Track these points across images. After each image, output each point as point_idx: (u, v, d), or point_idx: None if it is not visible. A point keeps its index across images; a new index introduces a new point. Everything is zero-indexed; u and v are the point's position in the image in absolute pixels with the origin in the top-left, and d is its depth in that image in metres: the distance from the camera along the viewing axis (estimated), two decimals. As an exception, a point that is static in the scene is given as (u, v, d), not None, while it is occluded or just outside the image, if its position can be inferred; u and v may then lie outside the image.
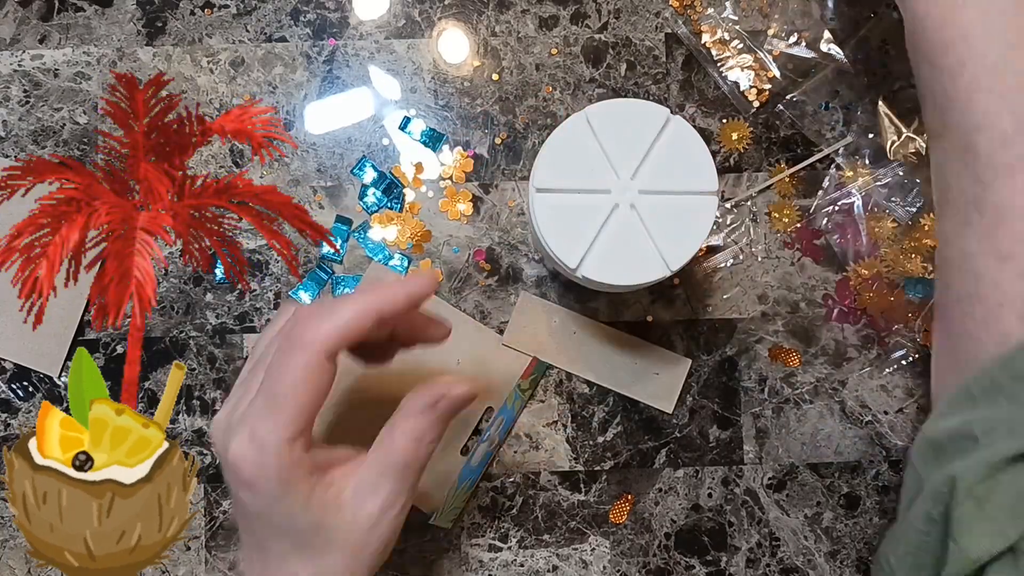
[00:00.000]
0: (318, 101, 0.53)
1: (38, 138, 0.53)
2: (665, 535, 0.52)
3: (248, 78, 0.53)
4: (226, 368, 0.52)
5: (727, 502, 0.52)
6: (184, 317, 0.52)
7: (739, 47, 0.54)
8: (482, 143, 0.54)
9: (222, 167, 0.53)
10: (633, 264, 0.42)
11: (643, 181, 0.42)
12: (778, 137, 0.54)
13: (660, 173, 0.42)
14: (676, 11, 0.54)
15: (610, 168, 0.42)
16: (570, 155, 0.43)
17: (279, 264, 0.52)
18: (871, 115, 0.53)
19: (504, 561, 0.52)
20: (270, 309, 0.52)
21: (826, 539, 0.52)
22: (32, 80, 0.53)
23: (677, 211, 0.42)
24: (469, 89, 0.54)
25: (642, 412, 0.53)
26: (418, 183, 0.53)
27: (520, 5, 0.54)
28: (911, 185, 0.52)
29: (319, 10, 0.54)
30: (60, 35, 0.53)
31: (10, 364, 0.52)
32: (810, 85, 0.53)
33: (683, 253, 0.42)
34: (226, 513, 0.52)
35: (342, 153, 0.53)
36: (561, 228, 0.42)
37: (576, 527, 0.52)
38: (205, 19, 0.54)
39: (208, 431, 0.52)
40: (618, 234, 0.42)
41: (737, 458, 0.53)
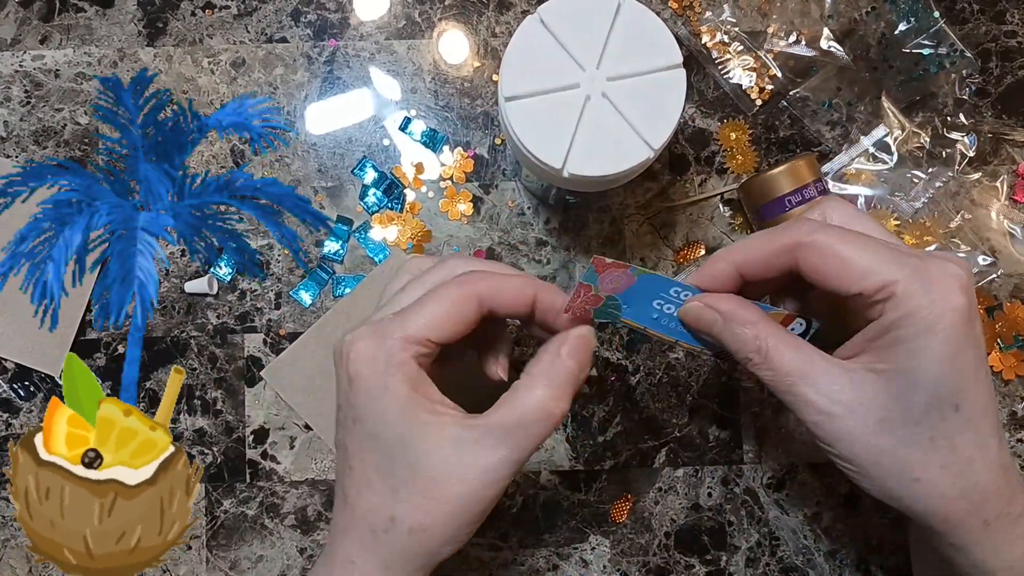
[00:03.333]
0: (319, 102, 0.54)
1: (39, 138, 0.53)
2: (665, 534, 0.52)
3: (249, 79, 0.53)
4: (227, 368, 0.52)
5: (727, 501, 0.53)
6: (185, 317, 0.52)
7: (739, 49, 0.54)
8: (482, 143, 0.54)
9: (222, 166, 0.53)
10: (617, 152, 0.42)
11: (609, 68, 0.42)
12: (778, 137, 0.54)
13: (624, 57, 0.42)
14: (675, 12, 0.54)
15: (574, 62, 0.42)
16: (532, 58, 0.42)
17: (280, 264, 0.53)
18: (874, 111, 0.53)
19: (504, 560, 0.52)
20: (271, 309, 0.52)
21: (826, 538, 0.53)
22: (33, 81, 0.53)
23: (648, 91, 0.42)
24: (469, 90, 0.54)
25: (642, 412, 0.53)
26: (418, 183, 0.53)
27: (520, 6, 0.54)
28: (914, 180, 0.52)
29: (320, 11, 0.54)
30: (61, 36, 0.53)
31: (11, 364, 0.52)
32: (812, 83, 0.54)
33: (662, 131, 0.42)
34: (227, 512, 0.52)
35: (343, 154, 0.53)
36: (538, 132, 0.42)
37: (576, 527, 0.52)
38: (206, 20, 0.54)
39: (209, 430, 0.52)
40: (596, 125, 0.42)
41: (737, 458, 0.53)
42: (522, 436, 0.34)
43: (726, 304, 0.37)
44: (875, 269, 0.34)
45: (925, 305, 0.33)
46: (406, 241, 0.53)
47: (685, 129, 0.54)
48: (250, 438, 0.52)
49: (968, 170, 0.53)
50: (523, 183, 0.53)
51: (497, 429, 0.34)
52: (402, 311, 0.36)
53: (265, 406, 0.52)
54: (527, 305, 0.37)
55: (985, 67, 0.54)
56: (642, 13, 0.42)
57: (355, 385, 0.35)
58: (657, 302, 0.38)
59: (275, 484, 0.52)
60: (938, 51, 0.53)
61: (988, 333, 0.53)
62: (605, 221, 0.53)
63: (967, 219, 0.53)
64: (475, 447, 0.34)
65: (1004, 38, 0.55)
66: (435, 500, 0.34)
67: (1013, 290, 0.53)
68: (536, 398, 0.35)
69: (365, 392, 0.34)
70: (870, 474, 0.35)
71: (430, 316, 0.35)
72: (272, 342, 0.52)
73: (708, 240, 0.54)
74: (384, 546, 0.35)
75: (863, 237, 0.35)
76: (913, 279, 0.33)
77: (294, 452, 0.52)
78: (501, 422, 0.34)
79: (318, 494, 0.52)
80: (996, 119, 0.54)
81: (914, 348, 0.33)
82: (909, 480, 0.34)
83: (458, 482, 0.34)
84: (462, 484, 0.34)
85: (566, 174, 0.42)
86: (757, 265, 0.37)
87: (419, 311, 0.35)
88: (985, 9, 0.55)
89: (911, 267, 0.33)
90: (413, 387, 0.35)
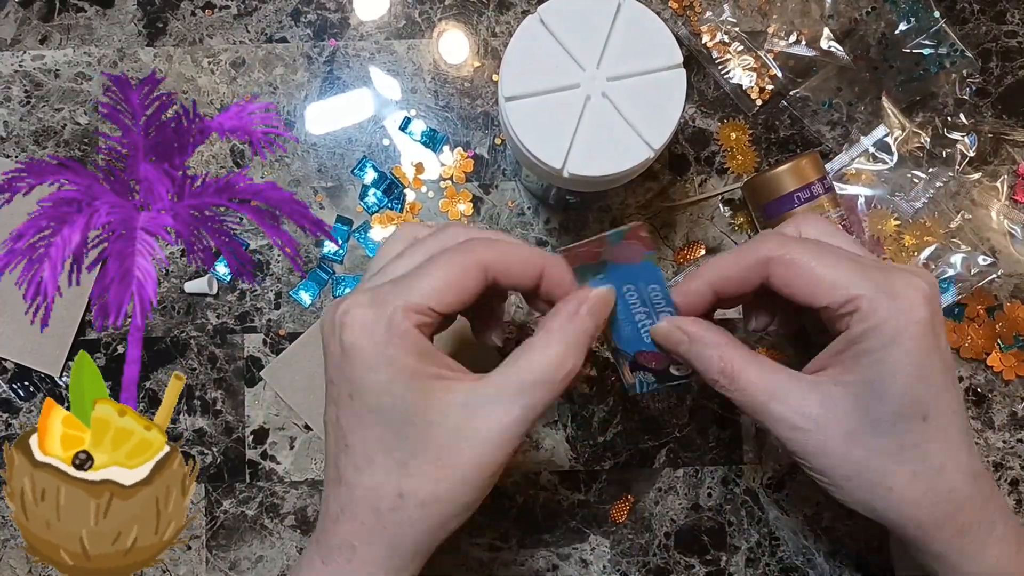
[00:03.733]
0: (319, 101, 0.54)
1: (39, 138, 0.53)
2: (665, 535, 0.52)
3: (249, 79, 0.53)
4: (227, 368, 0.52)
5: (727, 502, 0.52)
6: (185, 317, 0.52)
7: (739, 49, 0.54)
8: (482, 143, 0.54)
9: (222, 167, 0.53)
10: (616, 152, 0.42)
11: (609, 68, 0.42)
12: (778, 137, 0.54)
13: (624, 57, 0.42)
14: (675, 12, 0.54)
15: (574, 62, 0.42)
16: (532, 58, 0.42)
17: (279, 264, 0.52)
18: (874, 111, 0.53)
19: (504, 561, 0.52)
20: (270, 309, 0.52)
21: (826, 538, 0.52)
22: (33, 80, 0.53)
23: (648, 91, 0.42)
24: (469, 90, 0.54)
25: (642, 412, 0.53)
26: (418, 183, 0.53)
27: (520, 5, 0.54)
28: (914, 180, 0.52)
29: (320, 11, 0.54)
30: (61, 36, 0.53)
31: (11, 364, 0.52)
32: (812, 83, 0.53)
33: (662, 131, 0.42)
34: (227, 513, 0.52)
35: (343, 154, 0.53)
36: (538, 132, 0.42)
37: (576, 527, 0.52)
38: (206, 20, 0.54)
39: (209, 430, 0.52)
40: (596, 125, 0.42)
41: (737, 458, 0.53)
42: (538, 394, 0.33)
43: (693, 326, 0.37)
44: (841, 283, 0.34)
45: (889, 317, 0.33)
46: (406, 241, 0.53)
47: (685, 129, 0.54)
48: (250, 438, 0.52)
49: (968, 170, 0.53)
50: (523, 183, 0.53)
51: (511, 387, 0.33)
52: (402, 277, 0.34)
53: (265, 406, 0.52)
54: (533, 278, 0.36)
55: (985, 67, 0.54)
56: (642, 13, 0.42)
57: (352, 356, 0.33)
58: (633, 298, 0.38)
59: (275, 484, 0.52)
60: (938, 51, 0.53)
61: (988, 333, 0.53)
62: (605, 221, 0.53)
63: (967, 219, 0.53)
64: (488, 408, 0.33)
65: (1004, 38, 0.55)
66: (447, 468, 0.33)
67: (1013, 290, 0.53)
68: (556, 355, 0.34)
69: (363, 363, 0.33)
70: (843, 486, 0.35)
71: (433, 284, 0.33)
72: (272, 342, 0.52)
73: (708, 240, 0.54)
74: (390, 526, 0.33)
75: (833, 252, 0.36)
76: (878, 292, 0.34)
77: (294, 452, 0.52)
78: (517, 380, 0.33)
79: (318, 494, 0.52)
80: (996, 119, 0.54)
81: (879, 359, 0.34)
82: (883, 490, 0.35)
83: (470, 446, 0.33)
84: (475, 448, 0.33)
85: (566, 174, 0.42)
86: (730, 283, 0.37)
87: (421, 278, 0.33)
88: (985, 9, 0.55)
89: (876, 281, 0.34)
90: (418, 356, 0.33)
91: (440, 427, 0.33)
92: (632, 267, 0.37)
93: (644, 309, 0.38)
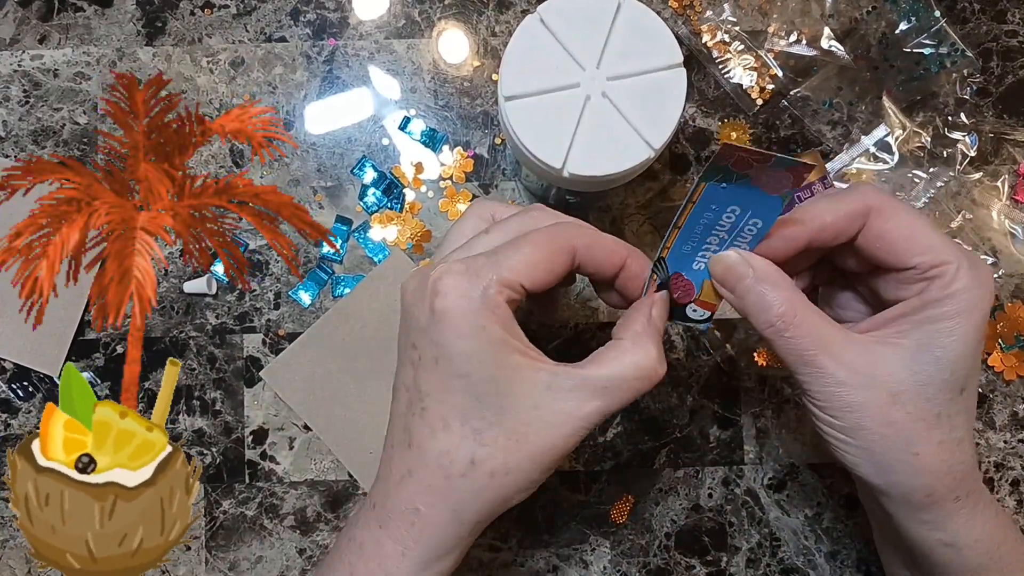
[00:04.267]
0: (318, 101, 0.53)
1: (38, 138, 0.53)
2: (665, 535, 0.52)
3: (248, 78, 0.53)
4: (226, 368, 0.52)
5: (727, 502, 0.52)
6: (184, 317, 0.52)
7: (739, 48, 0.54)
8: (482, 143, 0.53)
9: (222, 167, 0.53)
10: (616, 152, 0.42)
11: (609, 68, 0.42)
12: (778, 137, 0.54)
13: (624, 56, 0.42)
14: (675, 11, 0.54)
15: (574, 62, 0.42)
16: (532, 57, 0.42)
17: (279, 264, 0.52)
18: (874, 111, 0.53)
19: (504, 561, 0.52)
20: (270, 309, 0.52)
21: (826, 539, 0.52)
22: (32, 80, 0.53)
23: (648, 90, 0.42)
24: (469, 89, 0.54)
25: (642, 412, 0.53)
26: (418, 183, 0.53)
27: (520, 5, 0.54)
28: (915, 180, 0.52)
29: (319, 10, 0.54)
30: (60, 35, 0.53)
31: (10, 364, 0.52)
32: (813, 82, 0.53)
33: (663, 131, 0.42)
34: (226, 513, 0.52)
35: (342, 153, 0.53)
36: (538, 131, 0.42)
37: (576, 528, 0.52)
38: (205, 19, 0.54)
39: (208, 431, 0.52)
40: (596, 125, 0.42)
41: (737, 458, 0.53)
42: (622, 391, 0.34)
43: (762, 263, 0.36)
44: (937, 246, 0.35)
45: (970, 288, 0.35)
46: (405, 241, 0.53)
47: (685, 129, 0.54)
48: (249, 439, 0.52)
49: (969, 170, 0.53)
50: (523, 183, 0.53)
51: (597, 382, 0.34)
52: (495, 252, 0.34)
53: (264, 407, 0.52)
54: (616, 267, 0.36)
55: (986, 67, 0.54)
56: (642, 12, 0.42)
57: (443, 322, 0.33)
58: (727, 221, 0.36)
59: (274, 485, 0.52)
60: (939, 51, 0.53)
61: (989, 333, 0.53)
62: (605, 221, 0.53)
63: (968, 219, 0.53)
64: (570, 395, 0.34)
65: (1005, 37, 0.55)
66: (521, 443, 0.33)
67: (1014, 290, 0.53)
68: (649, 357, 0.35)
69: (454, 330, 0.33)
70: (873, 447, 0.36)
71: (526, 261, 0.34)
72: (271, 342, 0.52)
73: (708, 240, 0.53)
74: (457, 491, 0.34)
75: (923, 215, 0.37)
76: (964, 263, 0.35)
77: (293, 453, 0.52)
78: (606, 375, 0.34)
79: (317, 495, 0.52)
80: (997, 119, 0.54)
81: (948, 327, 0.35)
82: (910, 454, 0.35)
83: (546, 426, 0.33)
84: (551, 429, 0.34)
85: (566, 174, 0.42)
86: (826, 232, 0.37)
87: (515, 255, 0.34)
88: (986, 8, 0.55)
89: (962, 251, 0.35)
90: (507, 330, 0.33)
91: (521, 402, 0.33)
92: (760, 194, 0.35)
93: (724, 236, 0.37)
